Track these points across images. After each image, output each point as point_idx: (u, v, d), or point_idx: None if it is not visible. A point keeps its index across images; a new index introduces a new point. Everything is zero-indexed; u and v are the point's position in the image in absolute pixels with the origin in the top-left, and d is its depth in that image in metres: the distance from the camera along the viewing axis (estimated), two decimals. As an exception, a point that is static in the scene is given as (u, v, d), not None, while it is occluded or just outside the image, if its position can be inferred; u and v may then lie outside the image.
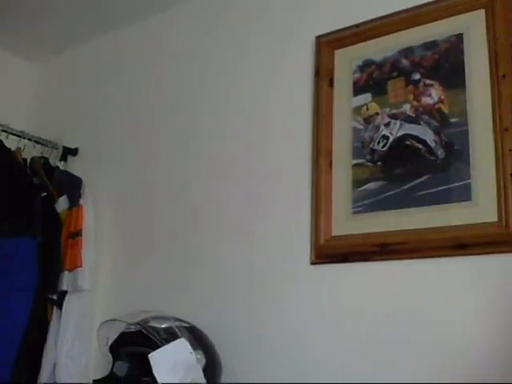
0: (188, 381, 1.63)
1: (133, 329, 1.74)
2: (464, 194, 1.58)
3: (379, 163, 1.75)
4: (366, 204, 1.73)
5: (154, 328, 1.70)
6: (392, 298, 1.64)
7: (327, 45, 1.91)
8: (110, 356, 1.80)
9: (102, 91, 2.56)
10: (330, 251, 1.76)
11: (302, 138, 1.91)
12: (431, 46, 1.73)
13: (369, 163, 1.76)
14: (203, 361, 1.70)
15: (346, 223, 1.76)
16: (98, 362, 2.02)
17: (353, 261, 1.72)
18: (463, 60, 1.66)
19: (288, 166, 1.92)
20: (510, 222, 1.50)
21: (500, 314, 1.47)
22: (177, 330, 1.71)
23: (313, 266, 1.79)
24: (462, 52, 1.67)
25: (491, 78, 1.60)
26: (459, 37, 1.69)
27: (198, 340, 1.73)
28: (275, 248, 1.88)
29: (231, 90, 2.14)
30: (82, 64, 2.69)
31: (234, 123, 2.10)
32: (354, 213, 1.75)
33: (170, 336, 1.68)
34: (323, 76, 1.89)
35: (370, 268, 1.69)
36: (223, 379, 1.79)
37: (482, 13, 1.66)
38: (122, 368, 1.77)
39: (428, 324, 1.56)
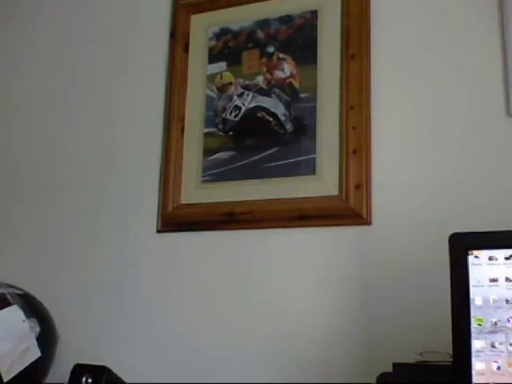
0: (21, 349, 1.55)
1: (-40, 295, 1.61)
2: (309, 168, 1.63)
3: (231, 133, 1.75)
4: (215, 173, 1.73)
5: (-17, 294, 1.59)
6: (238, 267, 1.65)
7: (184, 8, 1.87)
8: None
9: None
10: (178, 219, 1.74)
11: (155, 102, 1.86)
12: (286, 20, 1.75)
13: (220, 132, 1.76)
14: (37, 329, 1.61)
15: (194, 192, 1.75)
16: None
17: (199, 229, 1.71)
18: (316, 37, 1.70)
19: (139, 131, 1.87)
20: (350, 196, 1.57)
21: (337, 284, 1.54)
22: (9, 296, 1.60)
23: (159, 234, 1.76)
24: (315, 29, 1.71)
25: (341, 56, 1.65)
26: (314, 13, 1.72)
27: (32, 308, 1.64)
28: (122, 215, 1.83)
29: (84, 49, 2.03)
30: None
31: (85, 82, 2.00)
32: (204, 181, 1.74)
33: (1, 303, 1.58)
34: (179, 40, 1.85)
35: (216, 237, 1.69)
36: (59, 348, 1.72)
37: (337, -9, 1.70)
38: None
39: (271, 292, 1.60)
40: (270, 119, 1.71)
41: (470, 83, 1.53)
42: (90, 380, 1.33)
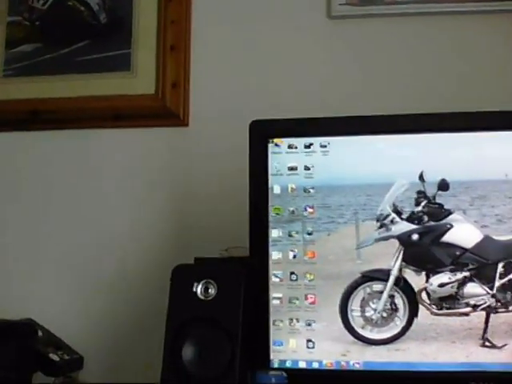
0: None
1: None
2: (123, 64, 1.52)
3: (37, 23, 1.57)
4: (18, 67, 1.56)
5: None
6: (42, 172, 1.52)
7: None
8: None
9: None
10: (-28, 118, 1.56)
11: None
12: None
13: (26, 22, 1.58)
14: None
15: (-5, 88, 1.56)
16: None
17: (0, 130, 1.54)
18: None
19: None
20: (166, 96, 1.48)
21: (154, 186, 1.47)
22: None
23: (-48, 136, 1.57)
24: None
25: None
26: None
27: None
28: None
29: None
30: None
31: None
32: (5, 76, 1.56)
33: None
34: None
35: (18, 138, 1.54)
36: None
37: None
38: None
39: (83, 196, 1.50)
40: (82, 8, 1.56)
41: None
42: None
